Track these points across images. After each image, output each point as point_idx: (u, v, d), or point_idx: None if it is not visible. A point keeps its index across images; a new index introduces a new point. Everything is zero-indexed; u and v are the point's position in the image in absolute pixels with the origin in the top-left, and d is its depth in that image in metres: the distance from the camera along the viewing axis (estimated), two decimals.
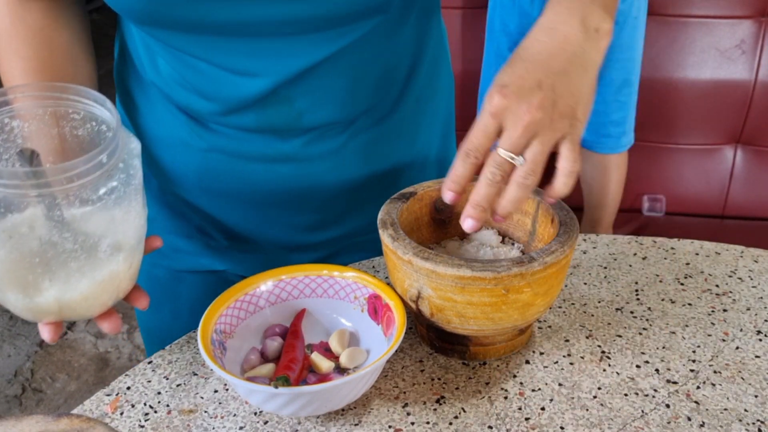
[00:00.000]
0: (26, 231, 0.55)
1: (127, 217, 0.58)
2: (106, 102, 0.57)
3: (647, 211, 1.96)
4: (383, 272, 0.86)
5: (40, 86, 0.58)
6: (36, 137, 0.58)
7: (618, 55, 1.68)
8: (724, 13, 1.77)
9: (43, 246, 0.55)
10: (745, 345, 0.75)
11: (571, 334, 0.77)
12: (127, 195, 0.57)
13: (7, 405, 1.95)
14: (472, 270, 0.63)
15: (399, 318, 0.68)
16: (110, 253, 0.57)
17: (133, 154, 0.57)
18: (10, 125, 0.57)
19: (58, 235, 0.55)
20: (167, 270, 0.91)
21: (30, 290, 0.56)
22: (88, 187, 0.54)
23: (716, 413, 0.67)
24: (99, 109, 0.58)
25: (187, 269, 0.92)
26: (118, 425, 0.66)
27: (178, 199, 0.86)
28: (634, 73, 1.72)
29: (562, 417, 0.66)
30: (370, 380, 0.65)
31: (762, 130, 1.83)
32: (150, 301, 0.79)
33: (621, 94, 1.72)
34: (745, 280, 0.86)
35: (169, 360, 0.74)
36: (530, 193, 0.62)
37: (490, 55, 1.73)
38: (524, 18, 1.63)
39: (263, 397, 0.62)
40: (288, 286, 0.74)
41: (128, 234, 0.59)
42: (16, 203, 0.54)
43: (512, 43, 1.67)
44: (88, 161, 0.52)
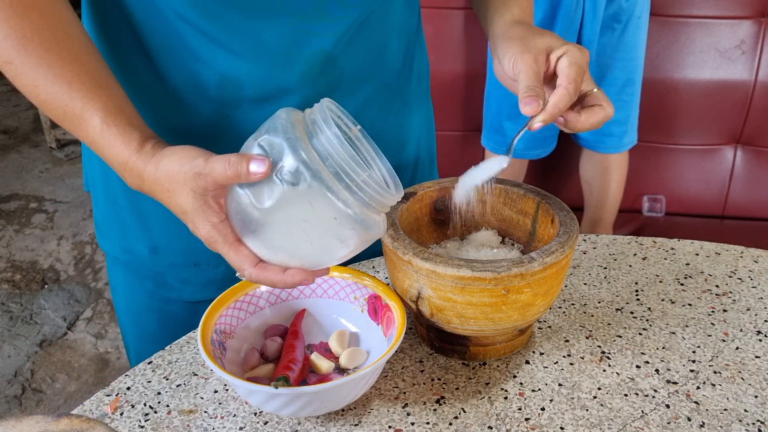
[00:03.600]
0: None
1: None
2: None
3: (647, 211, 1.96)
4: (383, 272, 0.86)
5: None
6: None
7: (621, 55, 1.68)
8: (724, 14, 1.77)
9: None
10: (745, 345, 0.75)
11: (571, 335, 0.77)
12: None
13: (7, 405, 1.95)
14: (472, 270, 0.63)
15: (399, 318, 0.68)
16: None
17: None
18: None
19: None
20: (181, 304, 0.89)
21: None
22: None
23: (716, 413, 0.67)
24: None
25: (200, 300, 0.88)
26: (118, 425, 0.66)
27: (182, 225, 0.83)
28: (637, 73, 1.72)
29: (562, 417, 0.66)
30: (370, 381, 0.65)
31: (762, 130, 1.83)
32: (166, 339, 0.79)
33: (624, 93, 1.72)
34: (745, 280, 0.86)
35: (169, 360, 0.74)
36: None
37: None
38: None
39: (263, 398, 0.62)
40: None
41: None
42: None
43: None
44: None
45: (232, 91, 0.74)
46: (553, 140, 1.80)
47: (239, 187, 0.59)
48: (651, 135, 1.84)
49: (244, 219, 0.59)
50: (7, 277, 2.45)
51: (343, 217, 0.57)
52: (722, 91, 1.81)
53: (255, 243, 0.60)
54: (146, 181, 0.63)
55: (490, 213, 0.79)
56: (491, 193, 0.78)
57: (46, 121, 3.18)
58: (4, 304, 2.32)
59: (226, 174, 0.57)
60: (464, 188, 0.74)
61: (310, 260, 0.61)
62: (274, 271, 0.61)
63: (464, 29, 1.82)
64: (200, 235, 0.62)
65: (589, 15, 1.62)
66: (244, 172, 0.57)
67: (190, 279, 0.86)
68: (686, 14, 1.79)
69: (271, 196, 0.57)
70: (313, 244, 0.59)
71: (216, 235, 0.61)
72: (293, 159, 0.56)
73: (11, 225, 2.74)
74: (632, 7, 1.63)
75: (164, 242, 0.83)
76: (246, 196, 0.58)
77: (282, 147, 0.56)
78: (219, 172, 0.58)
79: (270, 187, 0.57)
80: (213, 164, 0.58)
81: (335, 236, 0.59)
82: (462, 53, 1.85)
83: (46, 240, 2.64)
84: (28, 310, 2.31)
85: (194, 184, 0.60)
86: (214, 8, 0.69)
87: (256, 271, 0.61)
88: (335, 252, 0.60)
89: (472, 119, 1.92)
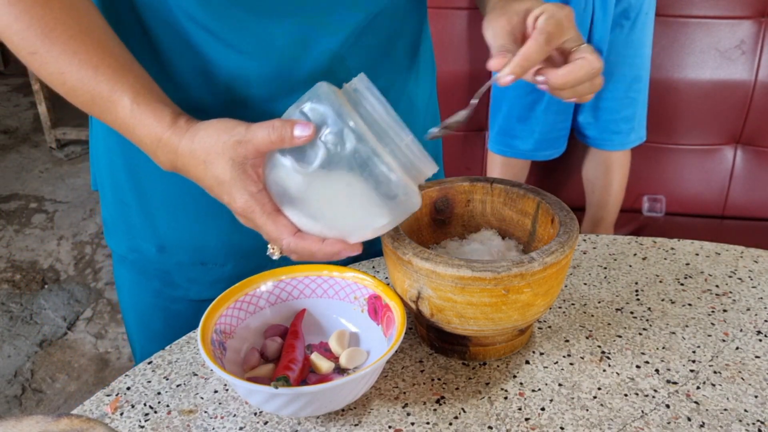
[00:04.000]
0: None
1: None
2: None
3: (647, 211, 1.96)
4: (383, 272, 0.86)
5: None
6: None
7: (630, 51, 1.69)
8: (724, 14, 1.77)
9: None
10: (745, 345, 0.75)
11: (571, 335, 0.77)
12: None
13: (7, 405, 1.95)
14: (472, 270, 0.63)
15: (399, 318, 0.68)
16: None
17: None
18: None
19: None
20: (188, 303, 0.89)
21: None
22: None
23: (716, 413, 0.67)
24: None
25: (207, 298, 0.87)
26: (118, 425, 0.66)
27: (189, 224, 0.84)
28: (644, 69, 1.73)
29: (562, 417, 0.66)
30: (370, 381, 0.65)
31: (762, 130, 1.83)
32: (171, 339, 0.79)
33: (631, 90, 1.72)
34: (745, 280, 0.86)
35: (169, 360, 0.74)
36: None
37: None
38: None
39: (263, 398, 0.62)
40: (288, 287, 0.74)
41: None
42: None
43: None
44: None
45: (241, 90, 0.74)
46: (564, 141, 1.80)
47: (281, 153, 0.59)
48: (651, 135, 1.84)
49: (285, 186, 0.59)
50: (7, 277, 2.45)
51: (386, 182, 0.58)
52: (722, 91, 1.81)
53: (294, 212, 0.60)
54: (180, 155, 0.63)
55: (490, 213, 0.79)
56: (491, 193, 0.78)
57: (46, 121, 3.18)
58: (4, 304, 2.32)
59: (269, 139, 0.57)
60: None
61: (349, 229, 0.61)
62: (313, 241, 0.61)
63: (467, 29, 1.82)
64: (237, 206, 0.61)
65: (599, 13, 1.62)
66: (289, 136, 0.56)
67: (197, 278, 0.86)
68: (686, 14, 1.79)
69: (314, 161, 0.57)
70: (354, 211, 0.59)
71: (254, 204, 0.60)
72: (338, 122, 0.56)
73: (11, 225, 2.74)
74: (640, 4, 1.64)
75: (171, 241, 0.83)
76: (288, 161, 0.58)
77: (326, 112, 0.57)
78: (261, 137, 0.57)
79: (314, 151, 0.57)
80: (255, 131, 0.58)
81: (376, 202, 0.59)
82: (465, 53, 1.85)
83: (46, 240, 2.64)
84: (28, 310, 2.31)
85: (233, 153, 0.59)
86: (223, 8, 0.69)
87: (294, 240, 0.60)
88: (374, 221, 0.60)
89: (474, 120, 1.92)
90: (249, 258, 0.85)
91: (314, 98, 0.58)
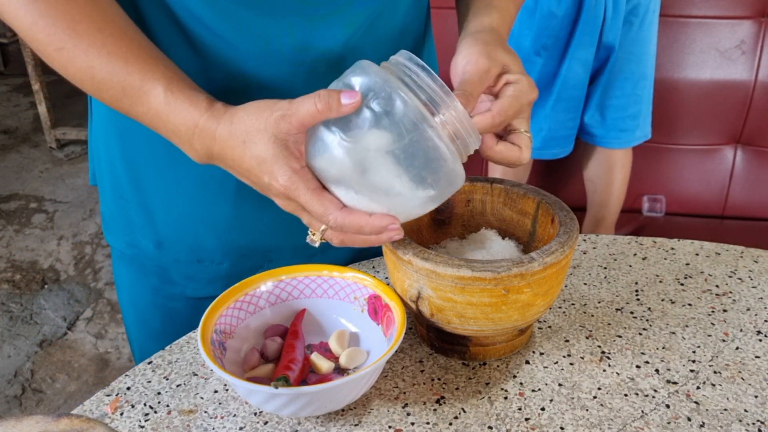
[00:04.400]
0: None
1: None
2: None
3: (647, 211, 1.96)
4: (383, 272, 0.86)
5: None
6: None
7: (638, 49, 1.69)
8: (724, 14, 1.77)
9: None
10: (745, 345, 0.75)
11: (571, 335, 0.77)
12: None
13: (7, 405, 1.95)
14: (472, 270, 0.63)
15: (399, 318, 0.68)
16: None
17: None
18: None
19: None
20: (185, 300, 0.89)
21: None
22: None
23: (716, 413, 0.67)
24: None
25: (204, 296, 0.88)
26: (118, 425, 0.66)
27: (187, 221, 0.84)
28: (650, 67, 1.73)
29: (562, 417, 0.66)
30: (370, 381, 0.65)
31: (762, 130, 1.83)
32: (167, 337, 0.79)
33: (638, 88, 1.72)
34: (745, 280, 0.86)
35: (169, 360, 0.74)
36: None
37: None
38: (549, 19, 1.63)
39: (263, 398, 0.62)
40: (288, 287, 0.74)
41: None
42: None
43: (538, 45, 1.66)
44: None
45: (238, 90, 0.74)
46: (572, 140, 1.79)
47: (325, 126, 0.58)
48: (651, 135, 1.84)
49: (331, 160, 0.58)
50: (7, 277, 2.45)
51: (435, 149, 0.57)
52: (722, 91, 1.81)
53: (340, 188, 0.59)
54: (218, 139, 0.62)
55: (490, 213, 0.79)
56: (491, 193, 0.78)
57: (46, 121, 3.18)
58: (4, 304, 2.32)
59: (315, 108, 0.56)
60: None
61: (396, 202, 0.60)
62: (360, 215, 0.60)
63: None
64: (278, 184, 0.60)
65: (611, 11, 1.62)
66: (336, 105, 0.56)
67: (194, 275, 0.86)
68: (686, 14, 1.79)
69: (362, 128, 0.57)
70: (401, 181, 0.58)
71: (297, 180, 0.59)
72: (384, 89, 0.56)
73: (11, 225, 2.74)
74: (648, 2, 1.64)
75: (169, 237, 0.83)
76: (334, 132, 0.58)
77: (371, 82, 0.57)
78: (306, 108, 0.57)
79: (361, 119, 0.57)
80: (299, 104, 0.58)
81: (423, 173, 0.58)
82: None
83: (46, 240, 2.64)
84: (28, 310, 2.31)
85: (276, 129, 0.58)
86: (225, 5, 0.69)
87: (342, 214, 0.59)
88: (421, 192, 0.59)
89: None
90: (246, 257, 0.85)
91: (357, 70, 0.58)
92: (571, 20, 1.63)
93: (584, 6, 1.60)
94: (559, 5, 1.61)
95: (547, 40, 1.65)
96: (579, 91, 1.71)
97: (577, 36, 1.63)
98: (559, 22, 1.63)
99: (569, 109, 1.72)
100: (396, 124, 0.56)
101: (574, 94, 1.70)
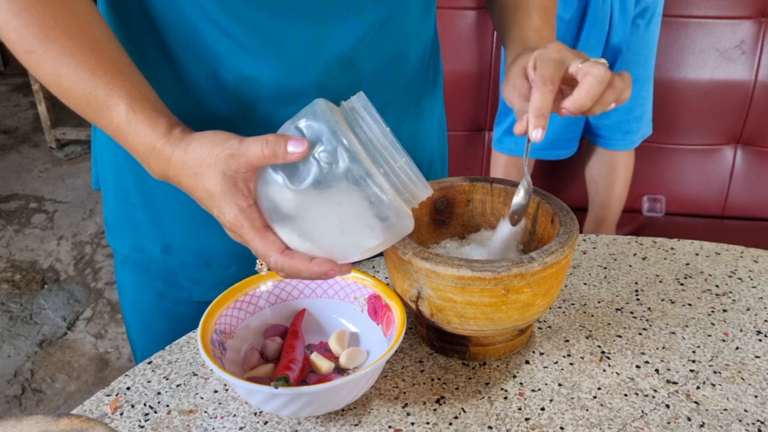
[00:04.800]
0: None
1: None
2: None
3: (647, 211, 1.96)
4: (383, 272, 0.86)
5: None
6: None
7: (644, 51, 1.69)
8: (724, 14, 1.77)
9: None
10: (745, 345, 0.75)
11: (571, 335, 0.77)
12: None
13: (7, 405, 1.95)
14: (472, 270, 0.63)
15: (399, 318, 0.68)
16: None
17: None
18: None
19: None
20: (191, 305, 0.88)
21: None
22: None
23: (716, 413, 0.67)
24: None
25: (209, 300, 0.88)
26: (118, 425, 0.66)
27: (195, 225, 0.83)
28: (653, 68, 1.73)
29: (562, 417, 0.66)
30: (370, 381, 0.65)
31: (762, 130, 1.83)
32: (176, 339, 0.78)
33: (643, 90, 1.73)
34: (745, 280, 0.86)
35: (169, 360, 0.74)
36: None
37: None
38: (559, 22, 1.63)
39: (263, 398, 0.62)
40: (288, 286, 0.74)
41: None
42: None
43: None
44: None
45: (250, 92, 0.73)
46: (576, 142, 1.80)
47: (273, 169, 0.58)
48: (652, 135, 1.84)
49: (276, 202, 0.58)
50: (7, 277, 2.45)
51: (378, 203, 0.57)
52: (722, 91, 1.81)
53: (284, 229, 0.60)
54: (173, 165, 0.62)
55: (490, 213, 0.79)
56: (491, 193, 0.78)
57: (46, 121, 3.18)
58: (4, 304, 2.32)
59: (262, 153, 0.56)
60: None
61: (339, 249, 0.60)
62: (301, 259, 0.60)
63: (471, 30, 1.82)
64: (226, 220, 0.61)
65: (618, 14, 1.62)
66: (282, 152, 0.56)
67: (201, 279, 0.86)
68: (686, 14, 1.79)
69: (306, 178, 0.57)
70: (344, 231, 0.58)
71: (243, 219, 0.60)
72: (332, 140, 0.56)
73: (11, 225, 2.74)
74: (655, 4, 1.64)
75: (177, 241, 0.83)
76: (280, 177, 0.58)
77: (321, 130, 0.56)
78: (254, 152, 0.57)
79: (306, 169, 0.57)
80: (248, 145, 0.57)
81: (367, 223, 0.58)
82: (468, 53, 1.85)
83: (46, 240, 2.64)
84: (27, 310, 2.31)
85: (225, 166, 0.59)
86: (238, 6, 0.69)
87: (282, 258, 0.60)
88: (364, 242, 0.60)
89: (474, 120, 1.92)
90: (253, 261, 0.85)
91: (310, 115, 0.58)
92: (578, 23, 1.63)
93: (589, 10, 1.60)
94: (566, 9, 1.61)
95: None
96: None
97: (583, 39, 1.63)
98: (565, 25, 1.63)
99: None
100: (340, 177, 0.56)
101: None
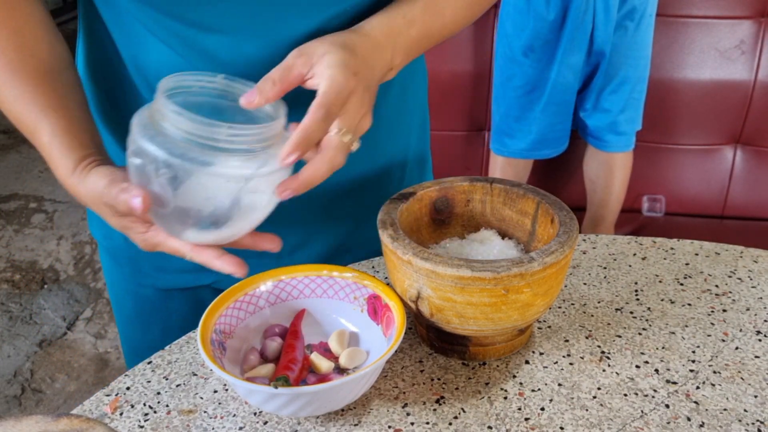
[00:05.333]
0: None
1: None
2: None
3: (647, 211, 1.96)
4: (383, 272, 0.86)
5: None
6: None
7: (634, 53, 1.69)
8: (724, 14, 1.77)
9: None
10: (744, 345, 0.75)
11: (571, 335, 0.77)
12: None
13: (6, 405, 1.95)
14: (471, 270, 0.63)
15: (399, 318, 0.68)
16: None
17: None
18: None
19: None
20: (154, 289, 0.91)
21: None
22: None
23: (716, 413, 0.67)
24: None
25: (173, 287, 0.90)
26: (118, 425, 0.66)
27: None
28: (646, 70, 1.74)
29: (561, 417, 0.66)
30: (370, 380, 0.65)
31: (762, 130, 1.84)
32: (139, 321, 0.80)
33: (635, 92, 1.73)
34: (744, 280, 0.86)
35: (169, 360, 0.74)
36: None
37: (502, 57, 1.74)
38: (539, 22, 1.64)
39: (263, 398, 0.62)
40: (288, 287, 0.74)
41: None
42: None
43: (526, 47, 1.67)
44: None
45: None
46: (565, 141, 1.80)
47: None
48: (651, 135, 1.85)
49: (166, 217, 0.62)
50: (6, 277, 2.45)
51: (233, 178, 0.59)
52: (722, 91, 1.81)
53: (186, 234, 0.63)
54: (82, 198, 0.68)
55: (490, 213, 0.79)
56: (491, 193, 0.78)
57: None
58: (4, 304, 2.32)
59: (124, 210, 0.61)
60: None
61: (237, 230, 0.63)
62: (210, 256, 0.65)
63: (471, 30, 1.82)
64: (137, 243, 0.68)
65: (601, 15, 1.62)
66: (134, 209, 0.60)
67: (163, 266, 0.89)
68: (686, 14, 1.79)
69: (169, 197, 0.60)
70: (233, 219, 0.62)
71: (150, 242, 0.66)
72: (161, 156, 0.57)
73: (11, 225, 2.74)
74: (644, 5, 1.64)
75: None
76: (152, 211, 0.62)
77: (146, 149, 0.58)
78: (119, 208, 0.62)
79: (163, 190, 0.59)
80: (116, 197, 0.62)
81: (242, 199, 0.60)
82: (464, 53, 1.85)
83: (46, 240, 2.64)
84: (27, 310, 2.31)
85: (110, 210, 0.65)
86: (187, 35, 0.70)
87: (194, 254, 0.65)
88: (252, 213, 0.62)
89: (474, 119, 1.92)
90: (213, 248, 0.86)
91: (130, 141, 0.60)
92: (558, 26, 1.64)
93: (570, 12, 1.61)
94: (548, 10, 1.62)
95: (535, 43, 1.66)
96: (569, 96, 1.72)
97: (565, 41, 1.63)
98: (548, 26, 1.63)
99: (559, 112, 1.73)
100: (192, 182, 0.58)
101: (564, 98, 1.71)
